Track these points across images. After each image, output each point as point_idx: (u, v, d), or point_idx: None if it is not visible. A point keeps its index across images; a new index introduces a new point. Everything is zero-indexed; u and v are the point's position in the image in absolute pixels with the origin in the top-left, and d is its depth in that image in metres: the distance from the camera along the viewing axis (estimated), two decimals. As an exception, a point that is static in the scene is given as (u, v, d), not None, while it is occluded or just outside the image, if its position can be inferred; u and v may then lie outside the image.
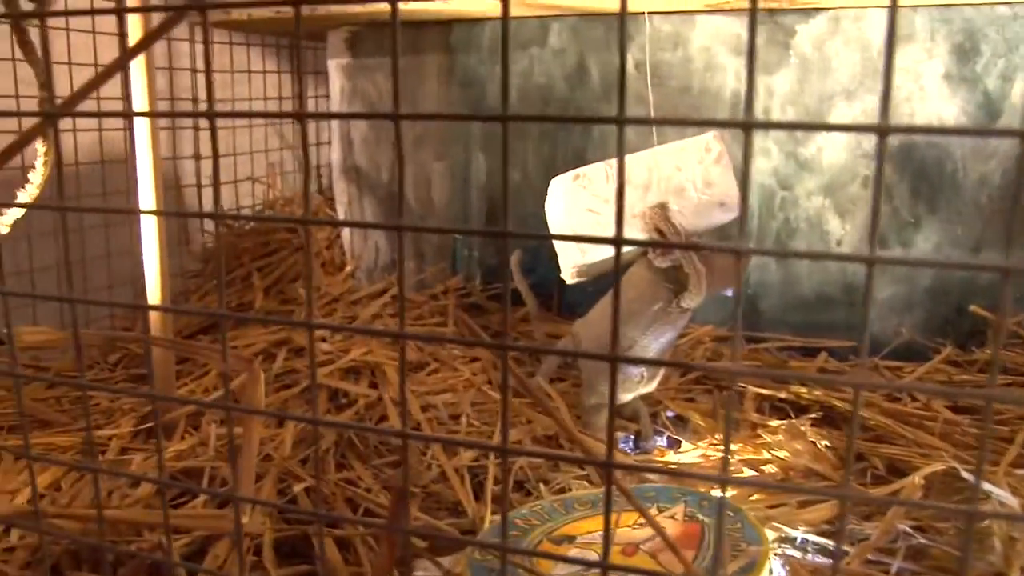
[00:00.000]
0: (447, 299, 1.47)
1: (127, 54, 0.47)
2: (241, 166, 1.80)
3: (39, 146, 0.71)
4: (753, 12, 0.31)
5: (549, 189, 1.04)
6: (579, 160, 1.44)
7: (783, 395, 1.14)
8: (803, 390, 1.14)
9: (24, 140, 0.47)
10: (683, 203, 1.05)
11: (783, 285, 1.39)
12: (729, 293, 1.07)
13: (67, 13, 1.00)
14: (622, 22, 0.32)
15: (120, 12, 0.59)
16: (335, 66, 1.58)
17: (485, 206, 1.53)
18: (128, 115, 0.46)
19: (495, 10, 1.38)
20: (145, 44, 0.69)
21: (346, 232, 1.62)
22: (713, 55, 1.36)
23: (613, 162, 1.05)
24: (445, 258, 1.56)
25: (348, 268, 1.60)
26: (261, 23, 1.56)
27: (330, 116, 0.37)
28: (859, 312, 1.36)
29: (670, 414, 1.14)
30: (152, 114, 0.44)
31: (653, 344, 1.05)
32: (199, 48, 1.63)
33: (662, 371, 1.11)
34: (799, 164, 1.35)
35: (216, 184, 0.41)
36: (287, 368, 1.23)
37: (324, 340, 1.30)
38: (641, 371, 1.06)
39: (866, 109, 1.32)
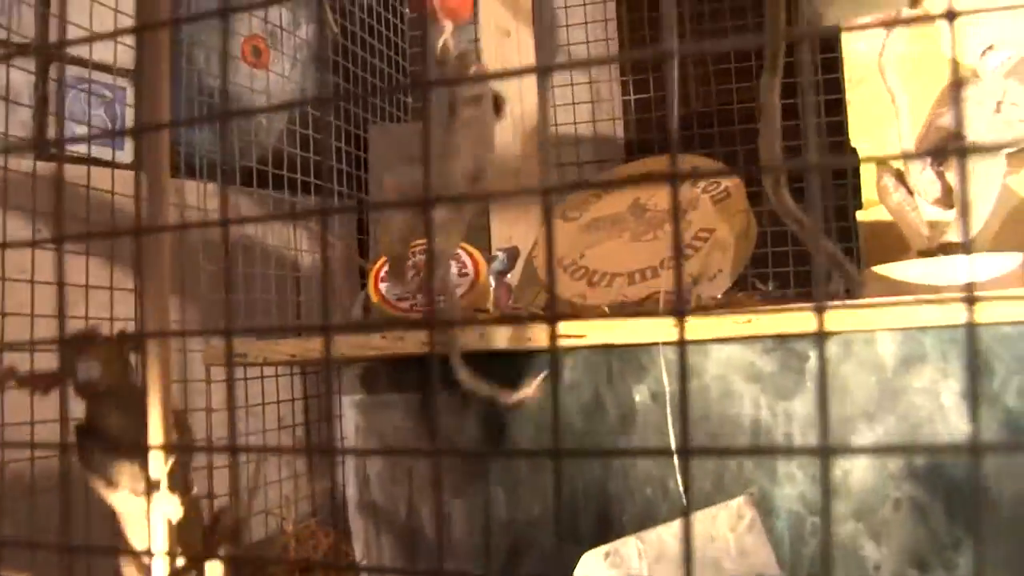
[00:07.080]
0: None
1: None
2: (255, 498, 1.77)
3: None
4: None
5: (578, 568, 1.00)
6: (600, 492, 1.41)
7: None
8: None
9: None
10: None
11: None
12: None
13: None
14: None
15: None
16: (349, 403, 1.58)
17: (507, 543, 1.48)
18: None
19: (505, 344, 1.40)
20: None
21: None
22: (729, 383, 1.37)
23: (645, 536, 1.02)
24: (473, 597, 1.49)
25: (369, 610, 1.52)
26: (276, 361, 1.58)
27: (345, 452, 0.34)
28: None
29: None
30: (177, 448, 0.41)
31: None
32: (213, 387, 1.65)
33: None
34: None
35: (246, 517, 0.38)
36: None
37: None
38: None
39: (888, 430, 1.30)
